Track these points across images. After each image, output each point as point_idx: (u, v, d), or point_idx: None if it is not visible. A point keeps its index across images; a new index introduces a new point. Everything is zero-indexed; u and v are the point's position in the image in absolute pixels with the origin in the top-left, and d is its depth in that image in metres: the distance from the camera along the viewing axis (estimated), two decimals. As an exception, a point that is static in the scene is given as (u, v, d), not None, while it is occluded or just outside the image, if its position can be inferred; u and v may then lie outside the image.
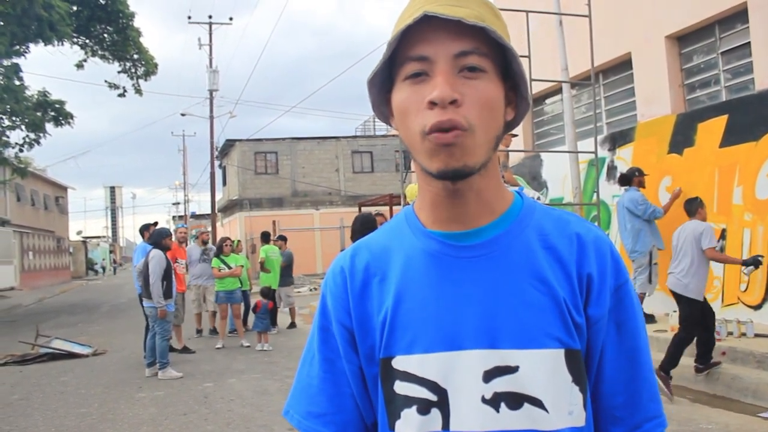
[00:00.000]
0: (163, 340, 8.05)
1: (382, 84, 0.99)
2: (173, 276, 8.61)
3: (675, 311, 7.51)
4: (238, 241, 12.78)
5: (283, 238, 13.32)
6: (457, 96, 0.89)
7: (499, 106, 0.94)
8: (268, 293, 10.72)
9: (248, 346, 10.10)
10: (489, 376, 0.92)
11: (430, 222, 1.01)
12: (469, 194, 0.95)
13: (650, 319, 7.86)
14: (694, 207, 6.54)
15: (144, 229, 9.79)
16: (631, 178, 8.17)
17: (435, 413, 0.93)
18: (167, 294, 8.16)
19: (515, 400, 0.91)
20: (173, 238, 9.96)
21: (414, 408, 0.94)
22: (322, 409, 1.02)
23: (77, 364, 9.28)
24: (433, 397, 0.93)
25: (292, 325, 12.44)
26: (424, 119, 0.90)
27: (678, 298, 6.26)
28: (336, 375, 1.03)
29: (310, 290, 21.94)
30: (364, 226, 5.36)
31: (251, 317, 10.85)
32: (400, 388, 0.95)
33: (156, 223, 10.11)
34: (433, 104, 0.89)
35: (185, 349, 9.89)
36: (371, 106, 1.04)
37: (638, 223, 7.94)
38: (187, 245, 11.58)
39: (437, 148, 0.90)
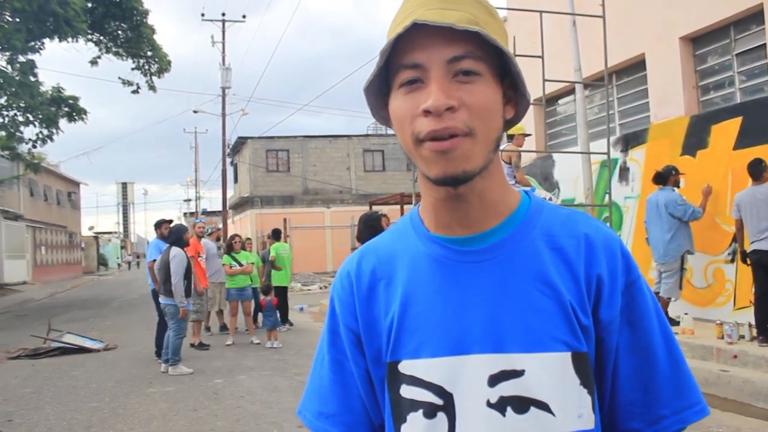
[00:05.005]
0: (177, 338, 8.10)
1: (380, 89, 0.98)
2: (192, 274, 8.66)
3: (686, 314, 7.47)
4: (248, 238, 12.80)
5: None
6: (453, 102, 0.88)
7: (496, 108, 0.93)
8: (267, 290, 10.73)
9: (258, 343, 10.14)
10: (495, 380, 0.92)
11: (434, 226, 1.00)
12: (472, 197, 0.94)
13: (673, 322, 7.70)
14: (758, 171, 6.53)
15: (158, 225, 9.80)
16: (667, 177, 7.81)
17: (441, 417, 0.93)
18: (187, 292, 8.24)
19: (521, 404, 0.91)
20: (191, 234, 9.99)
21: (420, 412, 0.94)
22: (333, 409, 1.04)
23: (88, 359, 9.35)
24: (439, 401, 0.93)
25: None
26: (419, 126, 0.89)
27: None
28: (345, 376, 1.04)
29: (321, 288, 21.96)
30: (367, 225, 5.39)
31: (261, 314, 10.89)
32: (407, 392, 0.96)
33: (171, 221, 10.14)
34: (427, 112, 0.88)
35: (200, 345, 9.95)
36: (371, 112, 1.03)
37: (675, 225, 7.58)
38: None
39: (434, 155, 0.89)
